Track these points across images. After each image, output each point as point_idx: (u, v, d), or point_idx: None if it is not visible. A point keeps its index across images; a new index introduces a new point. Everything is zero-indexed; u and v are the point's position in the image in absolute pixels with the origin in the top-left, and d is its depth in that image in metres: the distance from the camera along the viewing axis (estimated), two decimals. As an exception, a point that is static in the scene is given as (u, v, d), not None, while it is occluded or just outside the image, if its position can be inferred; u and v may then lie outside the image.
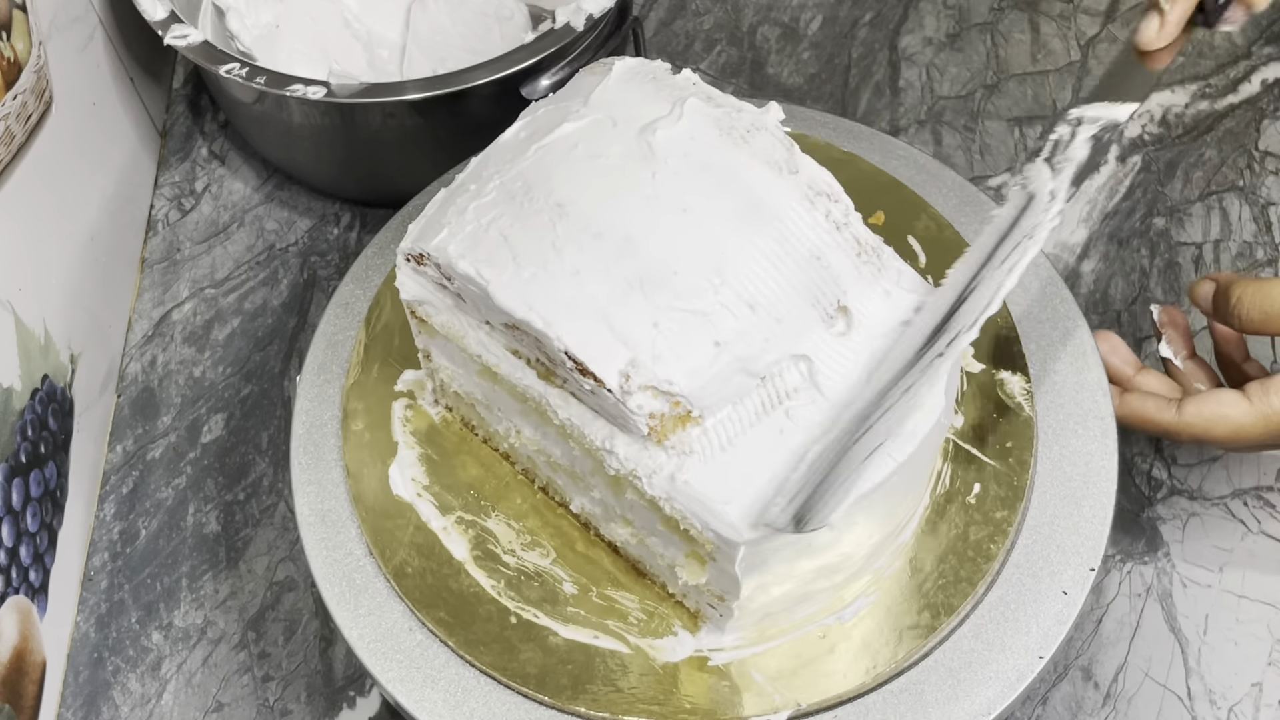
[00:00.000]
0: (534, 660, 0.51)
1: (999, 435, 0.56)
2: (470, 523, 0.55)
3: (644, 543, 0.52)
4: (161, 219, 0.79)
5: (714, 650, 0.52)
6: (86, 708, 0.63)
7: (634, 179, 0.50)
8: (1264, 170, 0.77)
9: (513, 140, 0.53)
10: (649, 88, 0.53)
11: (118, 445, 0.71)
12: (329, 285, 0.75)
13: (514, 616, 0.53)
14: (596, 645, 0.52)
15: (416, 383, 0.59)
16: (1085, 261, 0.73)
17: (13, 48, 0.64)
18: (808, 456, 0.45)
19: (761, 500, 0.46)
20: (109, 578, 0.66)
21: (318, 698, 0.62)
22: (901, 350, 0.47)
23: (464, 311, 0.52)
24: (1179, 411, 0.56)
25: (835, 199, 0.51)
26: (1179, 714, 0.59)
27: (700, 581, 0.49)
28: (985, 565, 0.52)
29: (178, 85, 0.86)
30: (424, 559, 0.54)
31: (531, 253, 0.48)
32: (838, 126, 0.67)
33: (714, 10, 0.88)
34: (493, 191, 0.50)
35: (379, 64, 0.78)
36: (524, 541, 0.55)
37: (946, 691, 0.51)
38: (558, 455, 0.53)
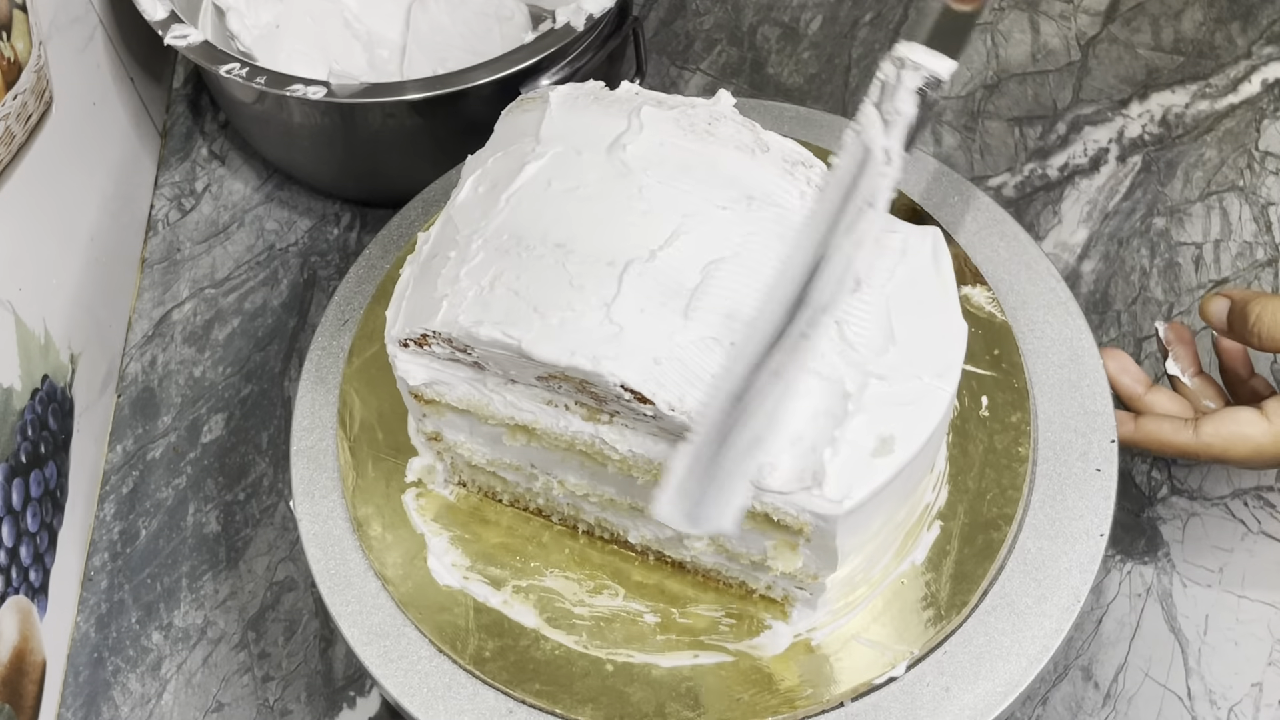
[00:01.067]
0: (648, 700, 0.50)
1: (983, 345, 0.57)
2: (528, 588, 0.54)
3: (724, 549, 0.51)
4: (161, 219, 0.79)
5: (811, 630, 0.52)
6: (86, 708, 0.63)
7: (623, 199, 0.50)
8: (1264, 170, 0.76)
9: (473, 198, 0.52)
10: (595, 108, 0.53)
11: (118, 445, 0.71)
12: (329, 285, 0.75)
13: (609, 664, 0.52)
14: (701, 664, 0.51)
15: (424, 469, 0.57)
16: (1085, 261, 0.73)
17: (13, 48, 0.64)
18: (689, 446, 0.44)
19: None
20: (109, 578, 0.66)
21: (318, 698, 0.62)
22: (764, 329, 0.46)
23: (484, 379, 0.50)
24: (1196, 433, 0.56)
25: (809, 165, 0.52)
26: (1179, 714, 0.59)
27: (796, 567, 0.49)
28: (1020, 468, 0.55)
29: (178, 85, 0.86)
30: (497, 638, 0.52)
31: (552, 298, 0.47)
32: (838, 126, 0.67)
33: (714, 10, 0.88)
34: (479, 253, 0.49)
35: (379, 64, 0.78)
36: (588, 589, 0.54)
37: (1033, 594, 0.53)
38: (613, 493, 0.52)
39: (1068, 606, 0.52)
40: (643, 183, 0.50)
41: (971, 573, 0.52)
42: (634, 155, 0.51)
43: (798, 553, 0.49)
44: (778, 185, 0.51)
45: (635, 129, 0.51)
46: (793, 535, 0.48)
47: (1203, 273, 0.72)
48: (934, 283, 0.51)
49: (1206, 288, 0.72)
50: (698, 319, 0.47)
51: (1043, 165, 0.78)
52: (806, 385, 0.48)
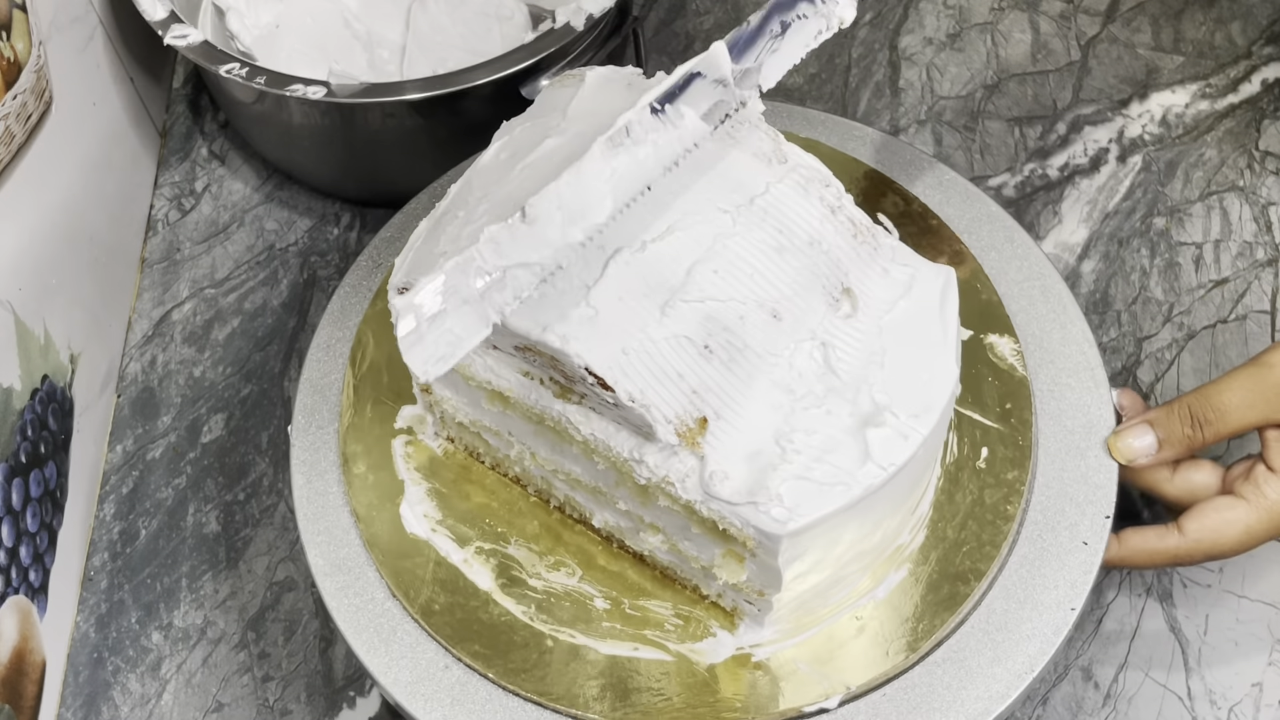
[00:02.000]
0: (577, 681, 0.51)
1: (996, 398, 0.56)
2: (490, 551, 0.55)
3: (676, 549, 0.52)
4: (161, 219, 0.79)
5: (755, 646, 0.52)
6: (86, 708, 0.63)
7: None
8: (1264, 170, 0.76)
9: (493, 162, 0.53)
10: (626, 94, 0.53)
11: (118, 445, 0.71)
12: (329, 285, 0.75)
13: (550, 640, 0.52)
14: (638, 657, 0.51)
15: (416, 418, 0.58)
16: (1085, 261, 0.73)
17: (13, 48, 0.64)
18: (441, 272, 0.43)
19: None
20: (109, 578, 0.66)
21: (318, 698, 0.62)
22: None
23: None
24: (1181, 533, 0.55)
25: (826, 183, 0.51)
26: (1179, 714, 0.59)
27: (740, 579, 0.49)
28: (1005, 526, 0.53)
29: (178, 85, 0.86)
30: (449, 594, 0.53)
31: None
32: (837, 126, 0.67)
33: (714, 10, 0.88)
34: (483, 216, 0.50)
35: (379, 64, 0.78)
36: (547, 563, 0.54)
37: (987, 655, 0.51)
38: (578, 472, 0.52)
39: (1019, 674, 0.50)
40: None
41: (929, 622, 0.51)
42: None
43: (743, 566, 0.49)
44: (787, 198, 0.50)
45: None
46: (739, 547, 0.48)
47: (1203, 273, 0.72)
48: (935, 323, 0.51)
49: (1206, 288, 0.72)
50: (675, 316, 0.47)
51: (1043, 165, 0.78)
52: (777, 400, 0.48)
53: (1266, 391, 0.54)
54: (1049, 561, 0.53)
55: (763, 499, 0.46)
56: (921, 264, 0.52)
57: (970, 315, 0.58)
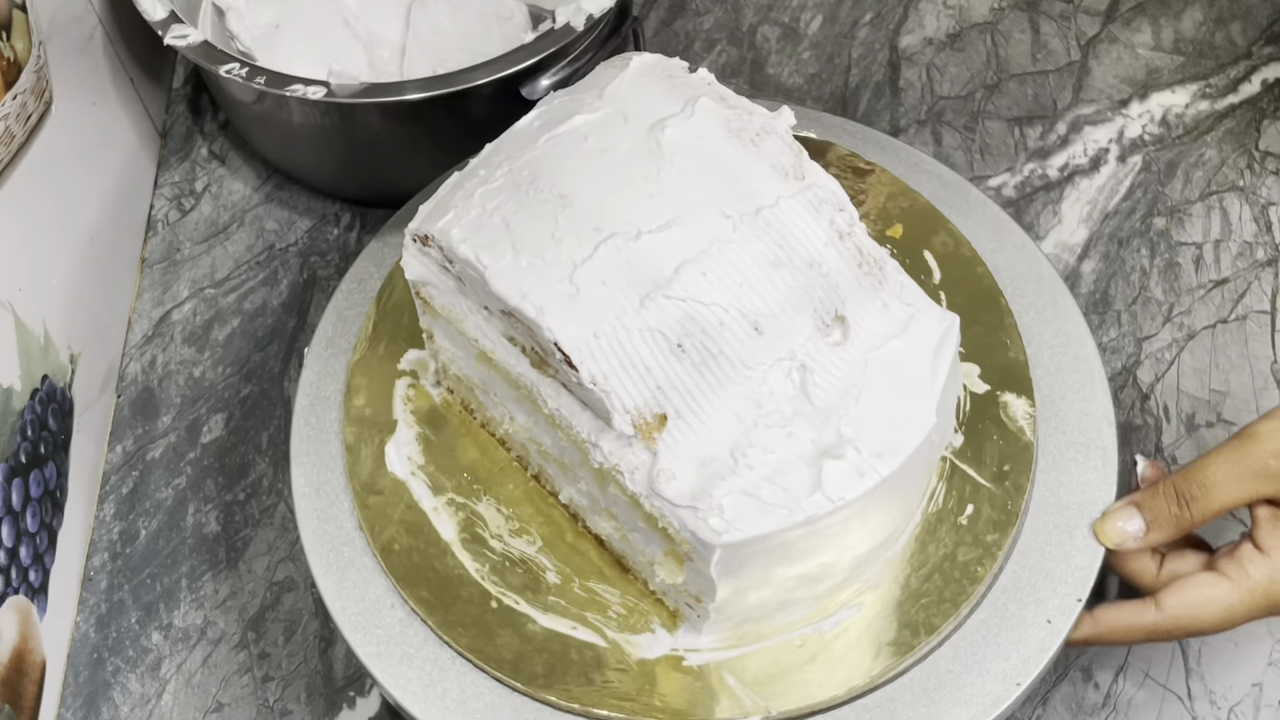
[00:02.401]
0: (510, 646, 0.52)
1: (997, 458, 0.55)
2: (461, 505, 0.56)
3: (626, 538, 0.52)
4: (161, 219, 0.79)
5: (690, 650, 0.52)
6: (86, 708, 0.63)
7: (639, 175, 0.50)
8: (1264, 170, 0.76)
9: (526, 129, 0.54)
10: (664, 84, 0.54)
11: (118, 445, 0.71)
12: (329, 285, 0.75)
13: (495, 601, 0.53)
14: (573, 636, 0.52)
15: (419, 362, 0.60)
16: (1085, 261, 0.73)
17: (13, 48, 0.64)
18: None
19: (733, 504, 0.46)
20: (109, 578, 0.66)
21: (318, 698, 0.62)
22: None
23: (464, 295, 0.52)
24: (1159, 609, 0.52)
25: (841, 208, 0.51)
26: (1179, 714, 0.59)
27: (678, 581, 0.50)
28: (970, 587, 0.52)
29: (178, 85, 0.86)
30: (412, 537, 0.55)
31: (531, 242, 0.48)
32: (836, 126, 0.67)
33: (714, 10, 0.88)
34: (500, 178, 0.51)
35: (379, 64, 0.78)
36: (512, 528, 0.55)
37: (920, 711, 0.50)
38: (548, 444, 0.53)
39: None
40: (664, 167, 0.50)
41: (868, 665, 0.50)
42: (670, 139, 0.51)
43: (682, 569, 0.49)
44: (796, 214, 0.50)
45: (684, 116, 0.52)
46: (678, 548, 0.48)
47: (1203, 273, 0.72)
48: (925, 367, 0.49)
49: (1206, 288, 0.72)
50: (653, 309, 0.47)
51: (1043, 165, 0.78)
52: (741, 412, 0.47)
53: (1253, 465, 0.51)
54: (1007, 632, 0.52)
55: (704, 506, 0.46)
56: (926, 306, 0.51)
57: (991, 371, 0.57)
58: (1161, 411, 0.67)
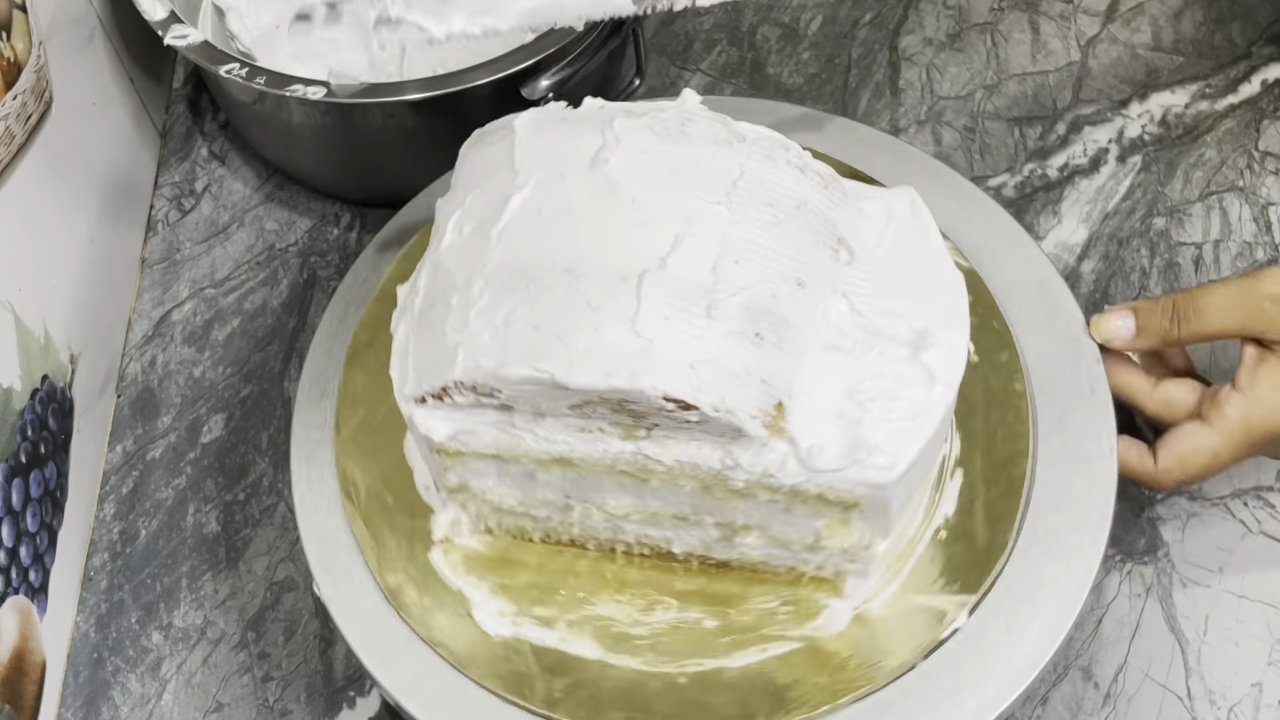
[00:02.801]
0: (729, 703, 0.50)
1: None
2: (581, 620, 0.53)
3: (774, 538, 0.51)
4: (161, 219, 0.79)
5: (867, 601, 0.52)
6: (86, 708, 0.63)
7: (618, 213, 0.49)
8: (1264, 170, 0.77)
9: (458, 241, 0.51)
10: (565, 129, 0.53)
11: (118, 445, 0.71)
12: (329, 285, 0.75)
13: (681, 677, 0.51)
14: (770, 656, 0.51)
15: (451, 524, 0.55)
16: (1085, 261, 0.73)
17: (13, 48, 0.64)
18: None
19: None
20: (109, 578, 0.66)
21: (318, 698, 0.62)
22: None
23: (512, 419, 0.49)
24: (1155, 462, 0.56)
25: (786, 147, 0.52)
26: (1179, 714, 0.59)
27: (849, 543, 0.50)
28: (1021, 404, 0.56)
29: (178, 85, 0.86)
30: (563, 676, 0.51)
31: (573, 324, 0.46)
32: (836, 126, 0.67)
33: (714, 10, 0.88)
34: (484, 293, 0.48)
35: (379, 64, 0.78)
36: (640, 607, 0.53)
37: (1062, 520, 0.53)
38: (656, 506, 0.51)
39: (1096, 525, 0.53)
40: (633, 193, 0.50)
41: (1003, 512, 0.53)
42: (618, 168, 0.50)
43: (850, 527, 0.49)
44: (762, 173, 0.51)
45: (612, 142, 0.51)
46: (844, 511, 0.48)
47: (1203, 273, 0.72)
48: (921, 240, 0.52)
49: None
50: (720, 316, 0.47)
51: (1043, 165, 0.78)
52: (832, 361, 0.48)
53: (1249, 300, 0.54)
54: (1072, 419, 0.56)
55: (863, 454, 0.47)
56: (885, 193, 0.54)
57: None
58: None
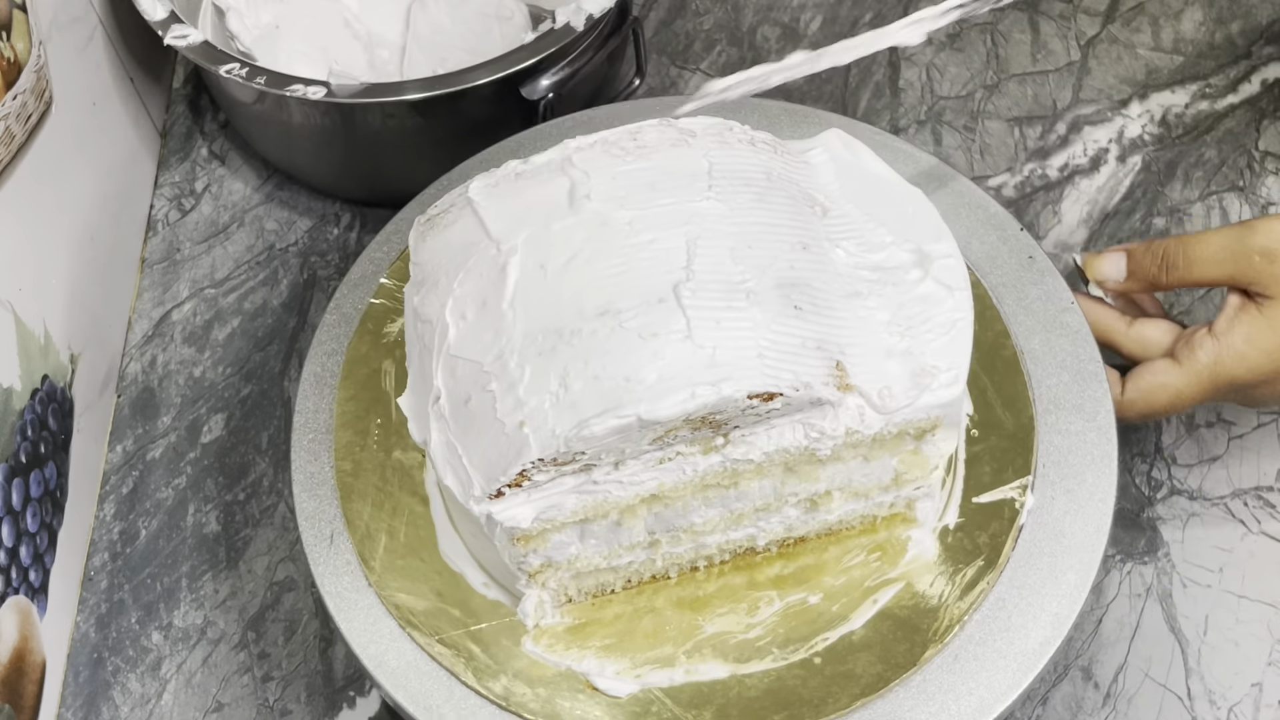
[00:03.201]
0: (868, 660, 0.50)
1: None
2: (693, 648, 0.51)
3: (856, 492, 0.52)
4: (161, 219, 0.79)
5: (940, 518, 0.54)
6: (86, 708, 0.63)
7: (622, 240, 0.49)
8: (1264, 170, 0.77)
9: (465, 328, 0.50)
10: (524, 183, 0.53)
11: (118, 445, 0.71)
12: (329, 285, 0.75)
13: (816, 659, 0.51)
14: (884, 605, 0.52)
15: (537, 607, 0.53)
16: (1085, 261, 0.73)
17: (13, 48, 0.64)
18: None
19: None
20: (109, 578, 0.66)
21: (318, 698, 0.62)
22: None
23: (592, 476, 0.48)
24: (1123, 392, 0.57)
25: (730, 128, 0.55)
26: (1179, 714, 0.59)
27: (925, 470, 0.51)
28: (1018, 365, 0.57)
29: (178, 85, 0.86)
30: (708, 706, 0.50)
31: (630, 360, 0.46)
32: (836, 126, 0.67)
33: (714, 10, 0.88)
34: (526, 367, 0.47)
35: (379, 64, 0.78)
36: (744, 610, 0.52)
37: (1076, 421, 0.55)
38: (741, 507, 0.51)
39: (1102, 503, 0.53)
40: (629, 218, 0.50)
41: (1014, 397, 0.55)
42: (600, 198, 0.50)
43: (922, 454, 0.51)
44: (725, 158, 0.53)
45: (581, 178, 0.51)
46: (918, 440, 0.50)
47: (1203, 273, 0.72)
48: (868, 170, 0.55)
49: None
50: (760, 301, 0.48)
51: (1043, 165, 0.78)
52: (860, 308, 0.50)
53: (1239, 249, 0.55)
54: (1072, 386, 0.56)
55: (926, 379, 0.49)
56: (818, 140, 0.56)
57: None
58: (1161, 411, 0.67)
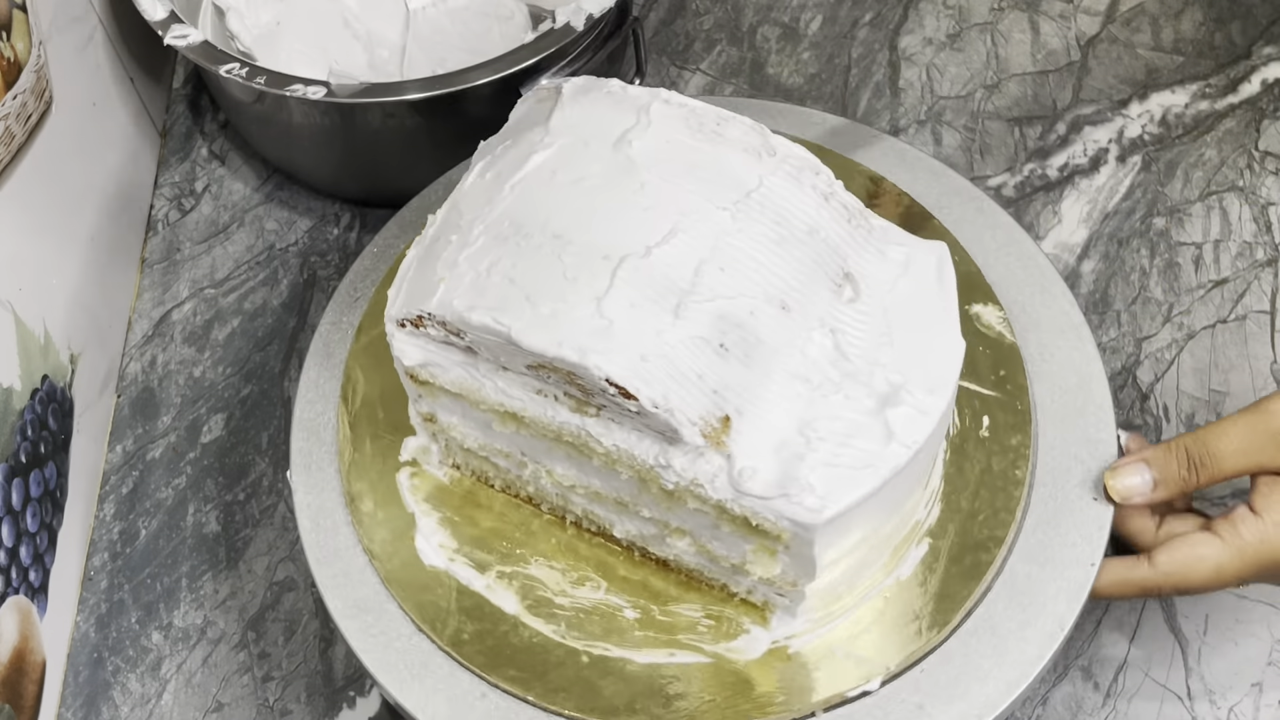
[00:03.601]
0: (619, 693, 0.51)
1: (990, 366, 0.57)
2: (512, 574, 0.54)
3: (704, 550, 0.51)
4: (161, 219, 0.79)
5: (789, 637, 0.52)
6: (86, 708, 0.63)
7: (624, 194, 0.50)
8: (1264, 170, 0.77)
9: (479, 184, 0.52)
10: (606, 102, 0.53)
11: (118, 445, 0.71)
12: (329, 285, 0.75)
13: (585, 656, 0.52)
14: (675, 663, 0.51)
15: (420, 449, 0.58)
16: (1085, 261, 0.73)
17: (13, 48, 0.64)
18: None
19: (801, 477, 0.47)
20: (109, 578, 0.66)
21: (318, 698, 0.62)
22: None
23: (477, 364, 0.50)
24: (1153, 564, 0.54)
25: (816, 171, 0.52)
26: (1179, 714, 0.59)
27: (773, 574, 0.49)
28: (1016, 491, 0.54)
29: (178, 85, 0.86)
30: (477, 622, 0.53)
31: (545, 288, 0.47)
32: (836, 126, 0.67)
33: (714, 10, 0.88)
34: (480, 238, 0.49)
35: (379, 64, 0.78)
36: (571, 580, 0.54)
37: (1017, 618, 0.52)
38: (598, 485, 0.52)
39: (1051, 634, 0.51)
40: (645, 179, 0.50)
41: (956, 592, 0.52)
42: (639, 151, 0.51)
43: (776, 559, 0.49)
44: (781, 190, 0.51)
45: (643, 125, 0.51)
46: (771, 541, 0.48)
47: (1203, 273, 0.72)
48: (936, 298, 0.51)
49: (1206, 288, 0.72)
50: (688, 318, 0.47)
51: (1043, 165, 0.78)
52: (795, 391, 0.48)
53: (1263, 438, 0.53)
54: (1063, 520, 0.54)
55: (794, 490, 0.46)
56: (915, 242, 0.53)
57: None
58: (1161, 412, 0.67)
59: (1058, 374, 0.58)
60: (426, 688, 0.52)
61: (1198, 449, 0.54)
